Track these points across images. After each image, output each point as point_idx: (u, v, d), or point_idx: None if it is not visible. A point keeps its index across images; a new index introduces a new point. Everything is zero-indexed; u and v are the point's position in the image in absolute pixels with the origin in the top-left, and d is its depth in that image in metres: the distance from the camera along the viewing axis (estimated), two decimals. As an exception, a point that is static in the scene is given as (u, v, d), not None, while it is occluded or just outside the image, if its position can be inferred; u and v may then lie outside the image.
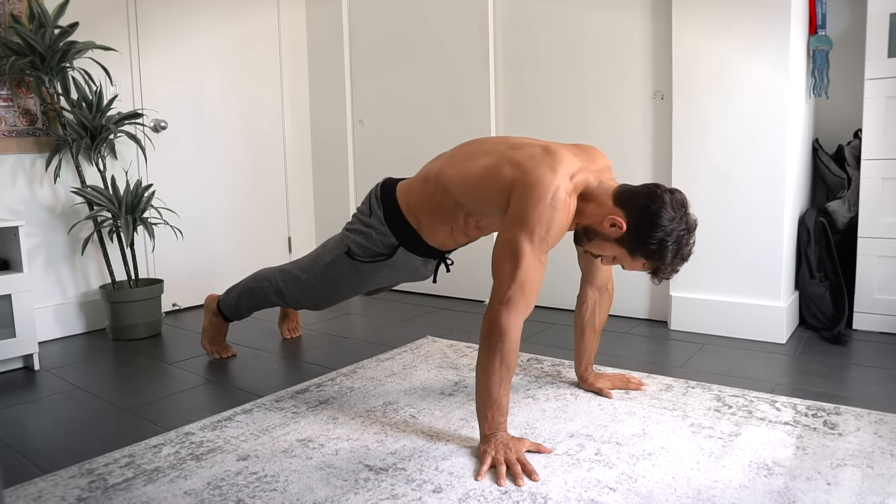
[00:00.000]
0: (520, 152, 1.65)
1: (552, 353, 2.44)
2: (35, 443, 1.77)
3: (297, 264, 2.21)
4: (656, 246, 1.53)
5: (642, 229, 1.54)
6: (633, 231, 1.55)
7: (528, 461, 1.53)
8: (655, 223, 1.52)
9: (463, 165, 1.76)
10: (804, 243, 2.67)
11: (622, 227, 1.56)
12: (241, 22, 3.47)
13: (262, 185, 3.66)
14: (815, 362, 2.26)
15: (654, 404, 1.89)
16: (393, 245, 1.91)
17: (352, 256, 1.98)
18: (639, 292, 2.91)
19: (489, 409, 1.57)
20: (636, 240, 1.55)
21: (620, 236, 1.57)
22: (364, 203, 2.00)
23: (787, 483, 1.43)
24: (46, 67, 2.57)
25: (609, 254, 1.64)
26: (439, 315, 3.09)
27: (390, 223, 1.89)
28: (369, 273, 1.99)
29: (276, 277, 2.25)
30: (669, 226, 1.52)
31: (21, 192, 2.72)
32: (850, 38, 2.79)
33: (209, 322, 2.48)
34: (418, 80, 3.46)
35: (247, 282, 2.36)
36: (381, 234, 1.91)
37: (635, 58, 2.81)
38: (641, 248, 1.55)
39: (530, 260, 1.53)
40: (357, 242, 1.96)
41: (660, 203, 1.53)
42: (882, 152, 2.53)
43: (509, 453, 1.53)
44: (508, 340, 1.53)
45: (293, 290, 2.20)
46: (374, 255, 1.94)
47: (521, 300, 1.54)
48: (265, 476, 1.53)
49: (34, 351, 2.39)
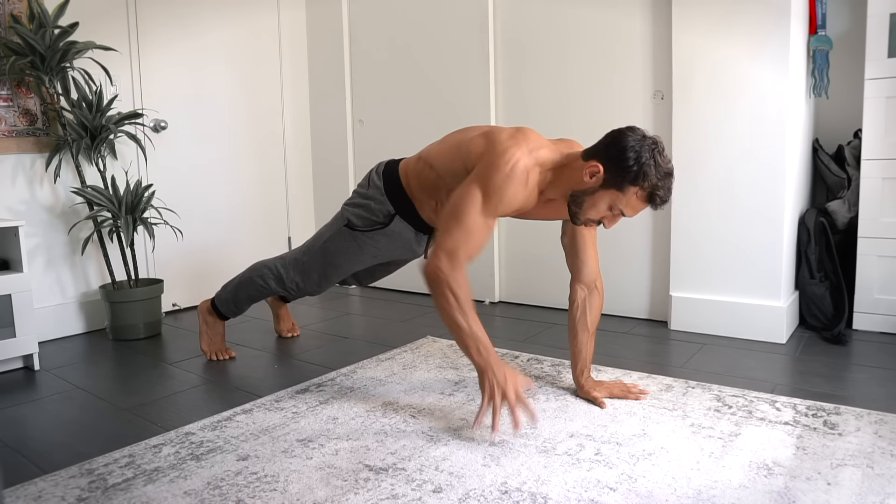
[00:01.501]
0: (494, 130, 1.80)
1: (552, 353, 2.44)
2: (35, 443, 1.77)
3: (297, 249, 2.30)
4: (635, 164, 1.58)
5: (616, 158, 1.60)
6: (610, 166, 1.61)
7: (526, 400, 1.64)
8: (624, 146, 1.60)
9: (446, 142, 1.92)
10: (804, 243, 2.67)
11: (600, 170, 1.62)
12: (241, 22, 3.47)
13: (262, 185, 3.66)
14: (815, 362, 2.26)
15: (654, 404, 1.89)
16: (390, 213, 2.01)
17: (351, 227, 2.08)
18: (639, 292, 2.91)
19: (471, 347, 1.66)
20: (616, 171, 1.60)
21: (603, 180, 1.63)
22: (364, 179, 2.11)
23: (787, 483, 1.43)
24: (46, 67, 2.57)
25: (604, 206, 1.66)
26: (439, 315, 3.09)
27: (390, 195, 2.00)
28: (367, 243, 2.08)
29: (276, 264, 2.32)
30: (637, 144, 1.60)
31: (21, 192, 2.72)
32: (850, 38, 2.79)
33: (204, 324, 2.49)
34: (418, 80, 3.46)
35: (245, 273, 2.40)
36: (380, 203, 2.02)
37: (635, 58, 2.81)
38: (624, 174, 1.60)
39: (478, 217, 1.65)
40: (356, 214, 2.07)
41: (618, 133, 1.63)
42: (882, 152, 2.53)
43: (508, 392, 1.63)
44: (455, 282, 1.64)
45: (293, 274, 2.27)
46: (372, 223, 2.04)
47: (463, 253, 1.65)
48: (265, 476, 1.53)
49: (34, 351, 2.39)
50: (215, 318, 2.48)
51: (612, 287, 2.94)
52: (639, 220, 2.87)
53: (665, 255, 2.80)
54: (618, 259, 2.94)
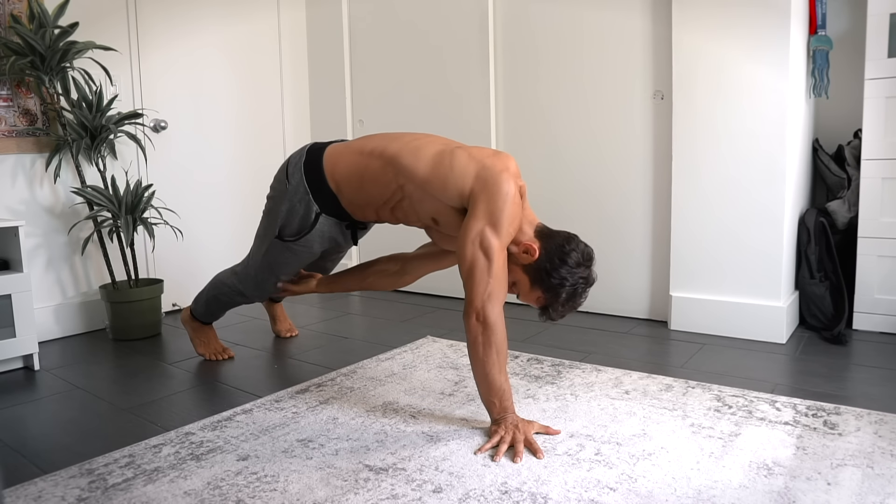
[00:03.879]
0: (472, 147, 1.79)
1: (552, 353, 2.44)
2: (35, 443, 1.77)
3: (243, 262, 2.27)
4: (557, 282, 1.68)
5: (551, 263, 1.68)
6: (542, 262, 1.69)
7: (535, 441, 1.62)
8: (564, 261, 1.68)
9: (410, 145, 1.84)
10: (804, 243, 2.67)
11: (534, 256, 1.70)
12: (241, 22, 3.47)
13: (262, 185, 3.64)
14: (815, 362, 2.26)
15: (654, 404, 1.89)
16: (315, 213, 1.97)
17: (282, 238, 2.04)
18: (639, 292, 2.91)
19: (495, 396, 1.66)
20: (542, 271, 1.69)
21: (529, 263, 1.71)
22: (280, 172, 2.04)
23: (787, 483, 1.43)
24: (46, 67, 2.57)
25: (511, 278, 1.73)
26: (439, 315, 3.09)
27: (313, 189, 1.94)
28: (300, 249, 2.06)
29: (233, 280, 2.29)
30: (575, 269, 1.68)
31: (21, 192, 2.72)
32: (850, 38, 2.79)
33: (192, 331, 2.49)
34: (418, 80, 3.46)
35: (209, 289, 2.38)
36: (303, 205, 1.96)
37: (635, 58, 2.81)
38: (545, 280, 1.69)
39: (500, 253, 1.64)
40: (283, 222, 2.01)
41: (574, 247, 1.70)
42: (882, 152, 2.53)
43: (517, 433, 1.61)
44: (499, 331, 1.63)
45: (250, 287, 2.26)
46: (299, 230, 2.00)
47: (500, 291, 1.65)
48: (265, 476, 1.53)
49: (34, 351, 2.39)
50: (199, 323, 2.48)
51: (612, 287, 2.94)
52: (639, 220, 2.87)
53: (665, 255, 2.80)
54: (618, 259, 2.94)
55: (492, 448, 1.62)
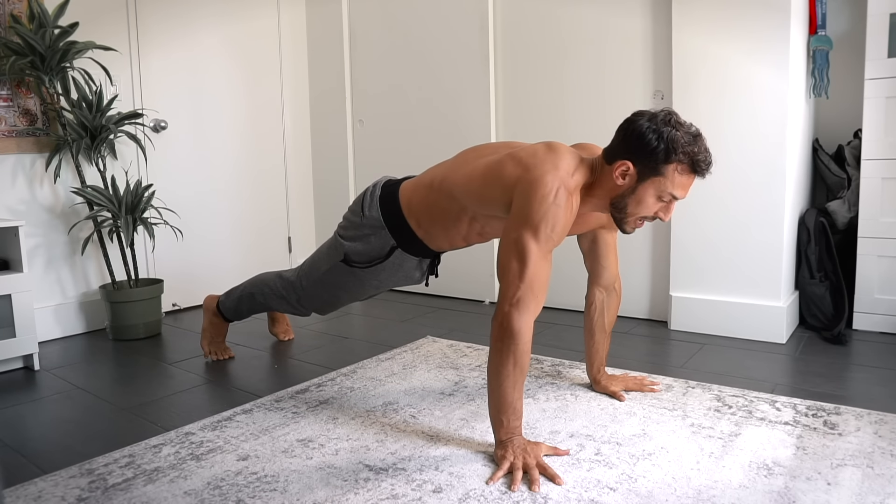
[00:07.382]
0: (522, 150, 1.65)
1: (552, 353, 2.44)
2: (35, 443, 1.77)
3: (296, 271, 2.20)
4: (660, 142, 1.49)
5: (639, 146, 1.51)
6: (637, 157, 1.52)
7: (548, 465, 1.51)
8: (640, 131, 1.50)
9: (465, 168, 1.75)
10: (804, 243, 2.67)
11: (629, 166, 1.53)
12: (241, 22, 3.47)
13: (262, 185, 3.66)
14: (815, 362, 2.26)
15: (654, 404, 1.89)
16: (391, 246, 1.88)
17: (349, 263, 1.96)
18: (639, 292, 2.91)
19: (504, 413, 1.53)
20: (645, 158, 1.51)
21: (637, 173, 1.53)
22: (356, 204, 1.95)
23: (787, 483, 1.43)
24: (46, 67, 2.57)
25: (651, 199, 1.55)
26: (439, 315, 3.09)
27: (389, 225, 1.86)
28: (367, 277, 1.97)
29: (277, 284, 2.25)
30: (652, 122, 1.51)
31: (21, 192, 2.72)
32: (850, 38, 2.79)
33: (209, 323, 2.48)
34: (418, 80, 3.45)
35: (247, 286, 2.35)
36: (379, 238, 1.88)
37: (635, 58, 2.81)
38: (655, 156, 1.50)
39: (537, 258, 1.50)
40: (353, 249, 1.93)
41: (629, 122, 1.54)
42: (882, 152, 2.53)
43: (528, 458, 1.50)
44: (521, 342, 1.50)
45: (295, 298, 2.20)
46: (371, 259, 1.92)
47: (531, 300, 1.51)
48: (265, 476, 1.53)
49: (34, 351, 2.39)
50: (220, 319, 2.47)
51: (612, 287, 2.94)
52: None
53: (665, 255, 2.80)
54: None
55: (504, 476, 1.49)
